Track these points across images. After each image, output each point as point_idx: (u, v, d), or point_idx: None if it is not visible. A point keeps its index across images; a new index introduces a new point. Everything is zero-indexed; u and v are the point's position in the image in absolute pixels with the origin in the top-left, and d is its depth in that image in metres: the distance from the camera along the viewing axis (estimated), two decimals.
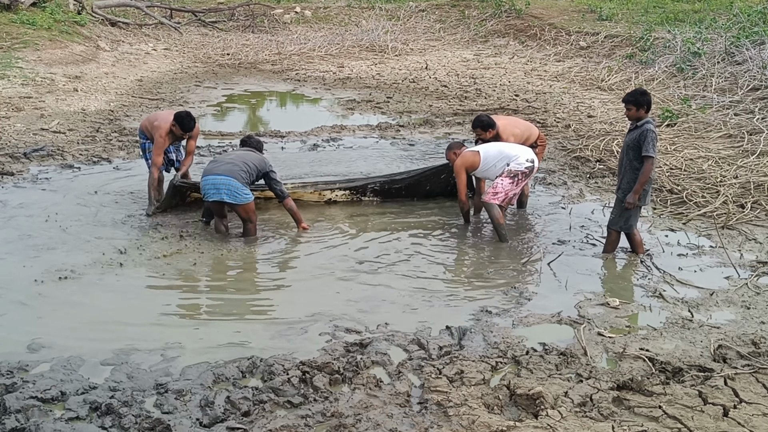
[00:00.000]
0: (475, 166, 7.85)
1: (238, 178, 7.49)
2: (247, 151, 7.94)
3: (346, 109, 15.21)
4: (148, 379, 4.97)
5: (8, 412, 4.48)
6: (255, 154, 7.89)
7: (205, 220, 8.14)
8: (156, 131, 8.47)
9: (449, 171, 8.70)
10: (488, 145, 8.02)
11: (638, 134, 6.90)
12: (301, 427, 4.41)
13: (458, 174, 7.93)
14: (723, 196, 8.84)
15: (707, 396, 4.74)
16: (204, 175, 7.66)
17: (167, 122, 8.44)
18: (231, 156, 7.89)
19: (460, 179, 7.93)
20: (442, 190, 9.12)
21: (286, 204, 7.94)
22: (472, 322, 5.91)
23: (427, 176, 9.07)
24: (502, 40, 23.62)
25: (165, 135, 8.42)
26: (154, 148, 8.53)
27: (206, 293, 6.57)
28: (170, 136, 8.50)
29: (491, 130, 8.22)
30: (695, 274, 7.00)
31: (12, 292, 6.39)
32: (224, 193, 7.44)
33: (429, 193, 9.15)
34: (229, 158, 7.80)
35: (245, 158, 7.73)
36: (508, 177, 7.67)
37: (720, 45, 17.03)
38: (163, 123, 8.47)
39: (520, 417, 4.58)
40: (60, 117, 12.80)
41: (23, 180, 9.49)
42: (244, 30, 26.47)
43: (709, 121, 12.32)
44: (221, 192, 7.44)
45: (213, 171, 7.59)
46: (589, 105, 14.74)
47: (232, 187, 7.44)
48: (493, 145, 7.97)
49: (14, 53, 17.14)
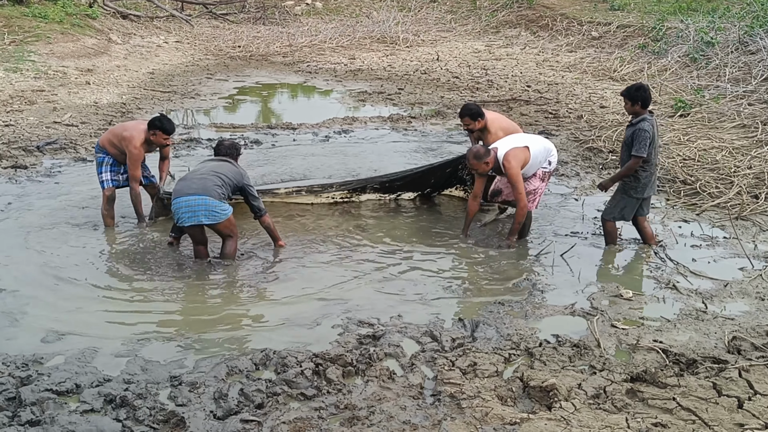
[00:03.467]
0: (526, 163, 7.14)
1: (214, 194, 6.65)
2: (220, 162, 7.05)
3: (358, 101, 15.20)
4: (161, 371, 4.99)
5: (24, 404, 4.51)
6: (229, 166, 7.00)
7: (174, 235, 7.30)
8: (128, 143, 7.62)
9: (455, 166, 8.54)
10: (527, 138, 7.43)
11: (632, 132, 6.86)
12: (315, 419, 4.42)
13: (518, 180, 7.02)
14: (737, 187, 8.78)
15: (722, 388, 4.71)
16: (175, 196, 6.75)
17: (140, 131, 7.66)
18: (202, 170, 6.93)
19: (520, 184, 7.05)
20: (446, 183, 8.85)
21: (264, 221, 7.16)
22: (485, 314, 5.89)
23: (431, 171, 8.66)
24: (514, 31, 23.53)
25: (140, 146, 7.64)
26: (130, 161, 7.68)
27: (217, 287, 6.57)
28: (145, 146, 7.72)
29: (480, 119, 7.85)
30: (709, 265, 6.97)
31: (26, 285, 6.43)
32: (202, 215, 6.62)
33: (434, 185, 8.84)
34: (201, 173, 6.86)
35: (219, 171, 6.87)
36: (540, 178, 7.30)
37: (733, 34, 16.89)
38: (135, 133, 7.66)
39: (534, 409, 4.57)
40: (72, 110, 12.85)
41: (36, 173, 9.52)
42: (255, 22, 26.50)
43: (722, 111, 12.24)
44: (198, 214, 6.61)
45: (184, 191, 6.69)
46: (602, 96, 14.67)
47: (210, 206, 6.62)
48: (532, 138, 7.42)
49: (27, 47, 17.21)
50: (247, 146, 11.21)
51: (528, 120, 12.95)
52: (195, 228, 6.76)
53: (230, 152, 7.17)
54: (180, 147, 11.04)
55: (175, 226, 7.07)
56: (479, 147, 7.28)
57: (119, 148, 7.72)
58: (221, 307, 6.16)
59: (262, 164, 10.29)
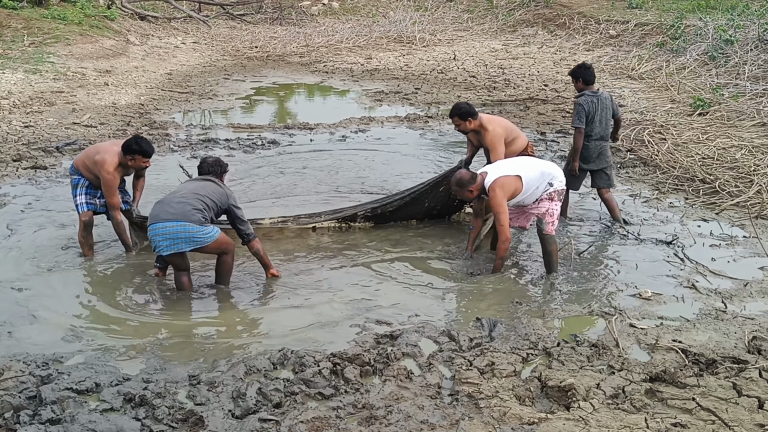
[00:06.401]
0: (517, 193, 6.48)
1: (193, 219, 6.00)
2: (202, 182, 6.38)
3: (375, 101, 15.19)
4: (180, 370, 5.01)
5: (44, 403, 4.54)
6: (213, 186, 6.33)
7: (159, 266, 6.63)
8: (100, 168, 6.79)
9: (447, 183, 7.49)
10: (520, 163, 6.67)
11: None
12: (333, 418, 4.43)
13: (501, 210, 6.36)
14: (756, 186, 8.71)
15: (742, 388, 4.68)
16: (151, 221, 6.12)
17: (113, 154, 6.81)
18: (182, 192, 6.26)
19: (504, 215, 6.39)
20: (444, 205, 8.02)
21: (252, 247, 6.44)
22: (502, 314, 5.88)
23: (424, 192, 7.83)
24: (531, 30, 23.45)
25: (113, 170, 6.81)
26: (105, 188, 6.86)
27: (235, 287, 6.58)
28: (121, 170, 6.91)
29: (471, 119, 7.34)
30: (728, 265, 6.92)
31: (45, 286, 6.49)
32: (182, 243, 6.01)
33: (429, 210, 8.03)
34: (180, 196, 6.18)
35: (200, 193, 6.20)
36: (556, 200, 6.64)
37: (753, 32, 16.76)
38: (108, 156, 6.81)
39: (552, 409, 4.56)
40: (91, 111, 12.93)
41: (56, 174, 9.59)
42: (272, 23, 26.57)
43: (742, 109, 12.14)
44: (178, 242, 6.00)
45: (161, 216, 6.03)
46: (620, 94, 14.58)
47: (190, 232, 5.99)
48: (526, 164, 6.67)
49: (46, 48, 17.34)
50: (264, 146, 11.25)
51: (545, 119, 12.91)
52: (174, 256, 6.15)
53: (214, 170, 6.55)
54: (198, 147, 11.09)
55: (160, 255, 6.39)
56: (463, 172, 6.61)
57: (93, 172, 6.93)
58: (237, 308, 6.20)
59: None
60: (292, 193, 9.14)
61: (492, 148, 7.36)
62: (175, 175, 8.77)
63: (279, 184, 9.49)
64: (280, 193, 9.15)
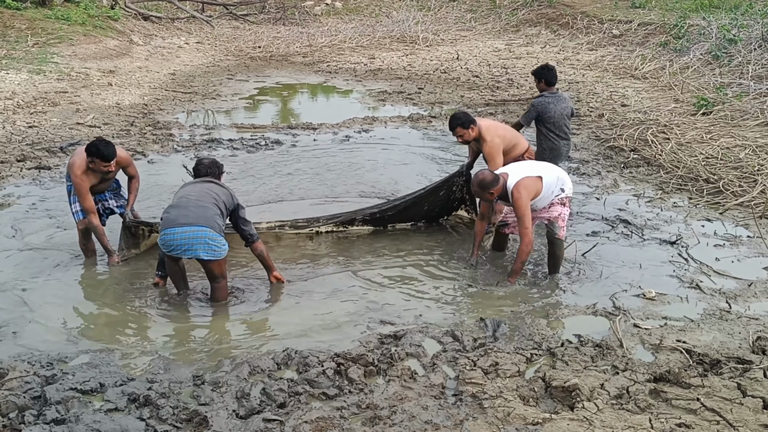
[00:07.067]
0: (537, 195, 6.39)
1: (215, 226, 5.85)
2: (207, 184, 6.18)
3: (378, 101, 15.18)
4: (184, 371, 5.02)
5: (49, 403, 4.55)
6: (218, 187, 6.17)
7: (160, 274, 6.41)
8: (69, 171, 6.73)
9: (448, 188, 7.79)
10: (540, 166, 6.64)
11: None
12: (337, 418, 4.43)
13: (525, 213, 6.26)
14: (761, 185, 8.70)
15: (746, 388, 4.68)
16: (167, 226, 5.85)
17: (81, 158, 6.66)
18: (194, 195, 6.04)
19: (528, 218, 6.29)
20: (443, 207, 7.98)
21: (256, 248, 6.29)
22: (506, 314, 5.88)
23: (423, 196, 7.80)
24: (534, 30, 23.44)
25: (81, 174, 6.65)
26: (76, 192, 6.78)
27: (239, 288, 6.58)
28: (89, 175, 6.72)
29: (473, 126, 7.25)
30: (732, 265, 6.91)
31: (50, 286, 6.50)
32: (201, 250, 5.80)
33: (428, 213, 7.95)
34: (195, 198, 5.98)
35: (214, 195, 6.04)
36: (568, 205, 6.63)
37: (757, 31, 16.72)
38: (77, 159, 6.69)
39: (556, 409, 4.56)
40: (95, 111, 12.94)
41: (60, 174, 9.60)
42: (275, 23, 26.58)
43: (745, 109, 12.11)
44: (197, 248, 5.78)
45: (180, 221, 5.79)
46: (623, 94, 14.57)
47: (210, 239, 5.81)
48: (545, 167, 6.63)
49: (49, 48, 17.36)
50: (268, 146, 11.25)
51: None
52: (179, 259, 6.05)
53: (212, 172, 6.38)
54: (201, 147, 11.09)
55: (160, 263, 6.33)
56: (486, 173, 6.42)
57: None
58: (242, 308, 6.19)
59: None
60: (294, 195, 9.12)
61: (490, 159, 7.32)
62: (179, 175, 8.77)
63: (279, 185, 9.49)
64: (282, 194, 9.13)
